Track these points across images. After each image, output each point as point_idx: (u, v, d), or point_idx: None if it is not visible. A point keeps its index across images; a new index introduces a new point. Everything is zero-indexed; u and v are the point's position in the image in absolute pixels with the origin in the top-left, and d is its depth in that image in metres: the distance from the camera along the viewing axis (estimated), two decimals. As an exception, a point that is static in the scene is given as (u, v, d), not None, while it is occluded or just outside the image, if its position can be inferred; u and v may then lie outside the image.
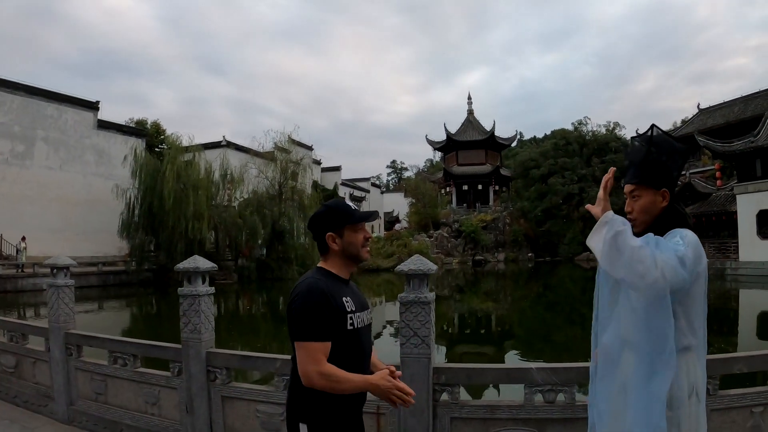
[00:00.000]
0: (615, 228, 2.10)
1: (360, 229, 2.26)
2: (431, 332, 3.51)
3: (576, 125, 60.27)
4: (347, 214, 2.24)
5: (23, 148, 34.20)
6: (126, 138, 39.56)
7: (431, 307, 3.53)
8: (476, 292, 30.17)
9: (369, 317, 2.33)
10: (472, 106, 62.17)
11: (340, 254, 2.26)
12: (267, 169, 38.62)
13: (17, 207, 32.32)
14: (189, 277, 4.47)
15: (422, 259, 3.58)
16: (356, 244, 2.25)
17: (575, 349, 13.79)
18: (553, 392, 3.48)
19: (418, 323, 3.48)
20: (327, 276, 2.20)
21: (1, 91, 33.28)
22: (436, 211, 57.71)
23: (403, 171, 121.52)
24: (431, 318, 3.51)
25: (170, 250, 31.07)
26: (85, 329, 6.05)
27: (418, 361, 3.48)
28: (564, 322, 18.94)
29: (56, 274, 5.83)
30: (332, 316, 2.09)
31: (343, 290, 2.21)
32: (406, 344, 3.51)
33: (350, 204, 2.32)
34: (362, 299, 2.32)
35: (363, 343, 2.24)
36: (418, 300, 3.50)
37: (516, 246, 54.05)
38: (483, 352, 14.05)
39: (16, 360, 6.32)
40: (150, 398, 4.89)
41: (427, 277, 3.56)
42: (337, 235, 2.24)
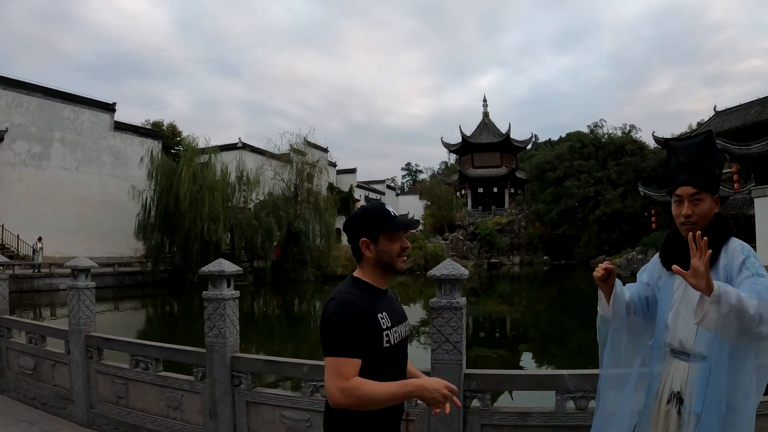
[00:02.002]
0: (730, 301, 1.88)
1: (397, 238, 2.06)
2: (463, 338, 3.44)
3: (591, 128, 59.85)
4: (384, 220, 2.04)
5: (40, 149, 34.49)
6: (142, 140, 39.77)
7: (463, 313, 3.46)
8: (491, 295, 29.96)
9: (406, 330, 2.19)
10: (487, 108, 61.84)
11: (373, 263, 2.07)
12: (282, 170, 38.61)
13: (34, 208, 32.63)
14: (214, 280, 4.41)
15: (454, 264, 3.51)
16: (391, 254, 2.06)
17: (590, 353, 13.71)
18: (585, 399, 3.40)
19: (449, 329, 3.41)
20: (362, 288, 2.03)
21: (19, 93, 33.57)
22: (452, 214, 57.44)
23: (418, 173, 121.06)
24: (463, 324, 3.44)
25: (186, 251, 31.20)
26: (102, 331, 6.02)
27: (449, 368, 3.40)
28: (579, 325, 18.66)
29: (77, 276, 5.81)
30: (366, 334, 1.93)
31: (379, 304, 2.04)
32: (437, 350, 3.44)
33: (390, 209, 2.11)
34: (399, 311, 2.18)
35: (399, 357, 2.12)
36: (450, 305, 3.42)
37: (531, 249, 53.71)
38: (497, 355, 13.99)
39: (34, 362, 6.29)
40: (172, 402, 4.84)
41: (459, 282, 3.49)
42: (371, 242, 2.05)
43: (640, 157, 53.66)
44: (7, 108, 32.93)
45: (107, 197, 36.93)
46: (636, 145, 55.77)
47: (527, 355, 13.97)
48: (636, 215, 49.18)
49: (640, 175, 50.60)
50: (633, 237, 47.58)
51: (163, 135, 45.15)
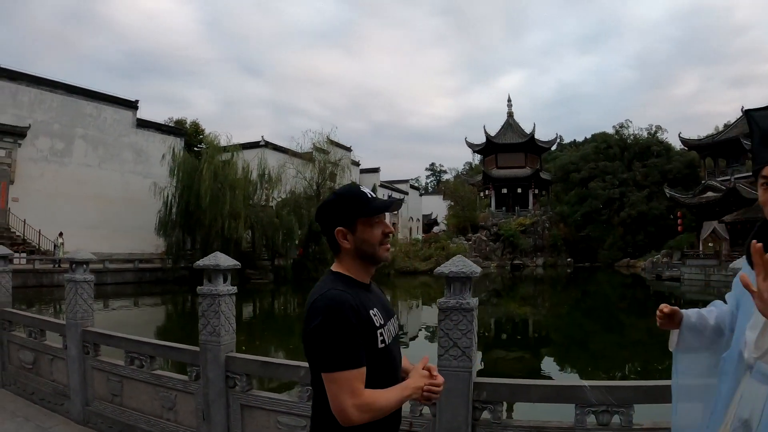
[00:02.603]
0: None
1: (377, 223, 1.79)
2: (473, 343, 3.08)
3: (617, 128, 58.95)
4: (360, 204, 1.77)
5: (62, 146, 34.78)
6: (164, 137, 39.65)
7: (474, 315, 3.09)
8: (513, 296, 29.69)
9: (396, 327, 1.92)
10: (511, 108, 61.18)
11: (353, 254, 1.80)
12: (305, 169, 38.47)
13: (55, 203, 32.80)
14: (209, 275, 4.15)
15: (464, 261, 3.15)
16: (371, 242, 1.78)
17: (612, 356, 13.63)
18: (608, 414, 3.02)
19: (458, 332, 3.06)
20: (347, 283, 1.75)
21: (42, 90, 33.87)
22: (475, 215, 57.08)
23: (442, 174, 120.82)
24: (473, 327, 3.08)
25: (206, 248, 31.08)
26: (119, 326, 5.84)
27: (458, 375, 3.05)
28: (601, 329, 18.58)
29: (75, 269, 5.62)
30: (363, 335, 1.67)
31: (368, 299, 1.77)
32: (444, 355, 3.09)
33: (366, 191, 1.82)
34: (387, 305, 1.90)
35: (395, 358, 1.84)
36: (459, 306, 3.07)
37: (555, 251, 53.10)
38: (519, 357, 13.77)
39: (34, 356, 6.16)
40: (166, 403, 4.61)
41: (470, 281, 3.13)
42: (348, 231, 1.78)
43: (666, 158, 52.84)
44: (30, 104, 33.25)
45: (129, 194, 36.98)
46: (662, 146, 54.87)
47: (549, 359, 13.70)
48: (661, 217, 48.39)
49: (665, 176, 49.86)
50: (658, 240, 46.85)
51: (185, 132, 45.27)
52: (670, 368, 2.22)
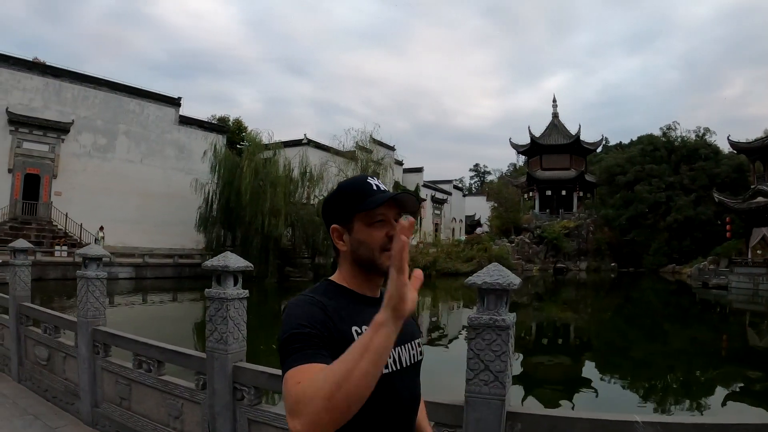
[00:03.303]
0: None
1: (380, 222, 1.39)
2: (508, 366, 2.59)
3: (664, 130, 57.08)
4: (359, 196, 1.40)
5: (105, 142, 35.17)
6: (206, 134, 39.85)
7: (510, 334, 2.59)
8: (555, 301, 29.17)
9: (414, 353, 1.49)
10: (557, 108, 60.12)
11: (350, 259, 1.44)
12: (347, 167, 38.07)
13: (97, 198, 33.19)
14: (218, 276, 3.79)
15: (501, 269, 2.66)
16: (370, 245, 1.39)
17: (654, 365, 13.10)
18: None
19: (491, 354, 2.57)
20: (335, 294, 1.38)
21: (85, 87, 34.35)
22: (519, 216, 56.22)
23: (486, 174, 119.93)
24: (509, 348, 2.59)
25: (246, 245, 31.22)
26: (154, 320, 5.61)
27: (488, 404, 2.57)
28: (644, 337, 17.96)
29: (88, 265, 5.38)
30: (332, 343, 1.24)
31: (360, 315, 1.36)
32: (473, 380, 2.60)
33: (372, 182, 1.44)
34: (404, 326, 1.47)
35: (400, 393, 1.39)
36: (493, 323, 2.58)
37: (599, 255, 51.90)
38: (559, 363, 13.44)
39: (48, 353, 6.01)
40: (173, 411, 4.30)
41: (507, 294, 2.64)
42: (344, 229, 1.43)
43: (714, 161, 51.01)
44: (74, 101, 33.73)
45: (170, 189, 37.14)
46: (710, 149, 52.94)
47: (590, 365, 13.32)
48: (709, 223, 46.74)
49: (713, 180, 48.18)
50: (705, 246, 45.25)
51: (227, 130, 45.32)
52: (715, 380, 1.73)
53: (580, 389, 10.43)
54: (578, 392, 10.21)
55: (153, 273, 28.83)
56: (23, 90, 31.60)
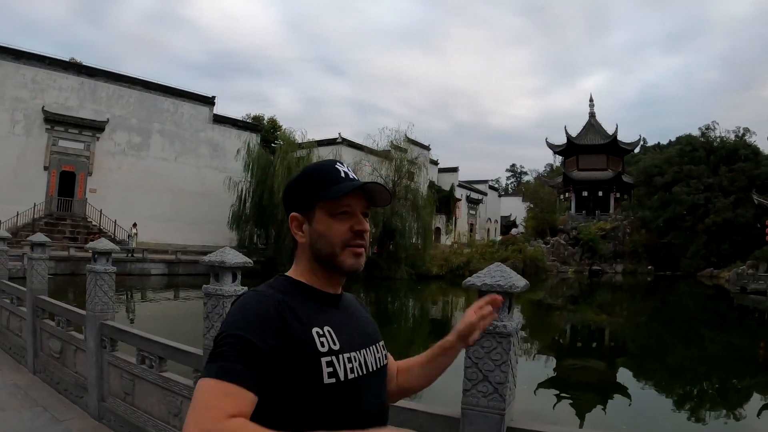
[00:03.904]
0: None
1: (344, 214, 1.24)
2: (509, 377, 2.36)
3: (703, 130, 55.57)
4: (323, 183, 1.24)
5: (140, 140, 35.72)
6: (240, 132, 40.16)
7: (512, 342, 2.36)
8: (590, 303, 28.53)
9: (380, 356, 1.32)
10: (593, 108, 58.98)
11: (308, 252, 1.27)
12: (381, 166, 37.89)
13: (131, 195, 33.71)
14: (216, 273, 3.65)
15: (504, 270, 2.43)
16: (331, 238, 1.23)
17: (690, 371, 12.79)
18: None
19: (490, 363, 2.35)
20: (291, 290, 1.22)
21: (120, 86, 34.95)
22: (554, 217, 55.28)
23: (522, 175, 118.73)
24: (511, 357, 2.36)
25: (278, 243, 31.39)
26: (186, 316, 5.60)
27: (486, 418, 2.35)
28: (679, 342, 17.53)
29: (97, 260, 5.37)
30: (283, 355, 1.08)
31: (322, 315, 1.21)
32: (470, 391, 2.39)
33: (341, 168, 1.29)
34: (363, 328, 1.32)
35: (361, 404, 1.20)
36: (493, 329, 2.34)
37: (635, 257, 50.69)
38: (593, 366, 13.22)
39: (61, 345, 6.03)
40: (172, 408, 4.20)
41: (511, 298, 2.42)
42: (304, 219, 1.27)
43: (754, 163, 49.43)
44: (108, 100, 34.36)
45: (203, 187, 37.55)
46: (750, 150, 51.29)
47: (624, 370, 12.98)
48: (748, 226, 45.28)
49: (753, 182, 46.69)
50: (744, 249, 43.86)
51: (261, 128, 45.60)
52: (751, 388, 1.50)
53: (613, 395, 10.19)
54: (611, 398, 9.98)
55: (185, 270, 29.05)
56: (59, 89, 32.31)
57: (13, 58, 30.66)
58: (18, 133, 30.63)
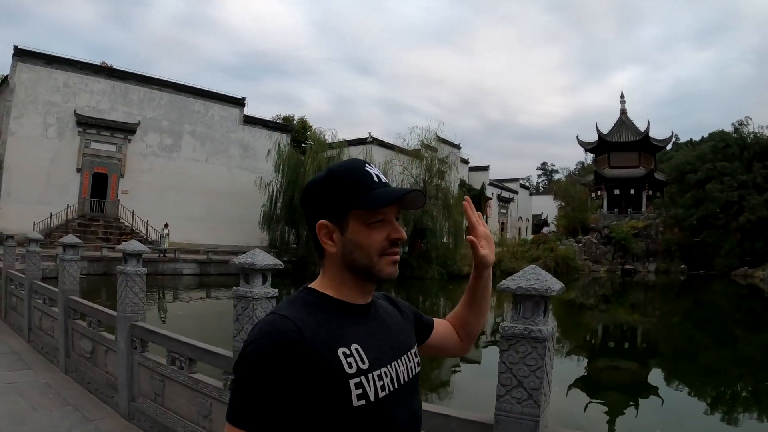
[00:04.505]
0: None
1: (381, 222, 1.18)
2: (544, 383, 2.28)
3: (736, 126, 54.28)
4: (356, 188, 1.16)
5: (171, 142, 36.20)
6: (270, 133, 40.30)
7: (548, 347, 2.28)
8: (623, 303, 28.19)
9: (412, 365, 1.25)
10: (624, 105, 58.08)
11: (339, 262, 1.19)
12: (411, 166, 37.79)
13: (163, 196, 34.19)
14: (246, 275, 3.63)
15: (539, 272, 2.36)
16: (369, 248, 1.17)
17: (723, 372, 12.60)
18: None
19: (525, 369, 2.27)
20: (315, 307, 1.14)
21: (151, 89, 35.50)
22: (586, 216, 54.51)
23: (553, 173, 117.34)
24: (546, 363, 2.28)
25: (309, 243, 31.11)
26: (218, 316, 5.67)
27: (520, 425, 2.27)
28: (713, 342, 17.26)
29: (128, 261, 5.40)
30: (308, 380, 1.03)
31: (349, 331, 1.14)
32: (504, 397, 2.31)
33: (372, 171, 1.20)
34: (394, 337, 1.25)
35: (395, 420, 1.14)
36: (528, 334, 2.28)
37: (668, 256, 49.71)
38: (625, 367, 13.04)
39: (92, 346, 6.10)
40: (202, 410, 4.21)
41: (546, 302, 2.34)
42: (335, 227, 1.18)
43: (789, 158, 48.17)
44: (140, 102, 34.91)
45: (234, 188, 37.85)
46: (785, 145, 50.03)
47: (656, 370, 12.86)
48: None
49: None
50: (780, 248, 42.87)
51: (291, 129, 45.86)
52: None
53: (645, 395, 10.04)
54: (644, 398, 9.84)
55: (217, 269, 29.29)
56: (90, 93, 32.93)
57: (45, 63, 31.32)
58: (51, 137, 31.29)
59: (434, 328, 1.49)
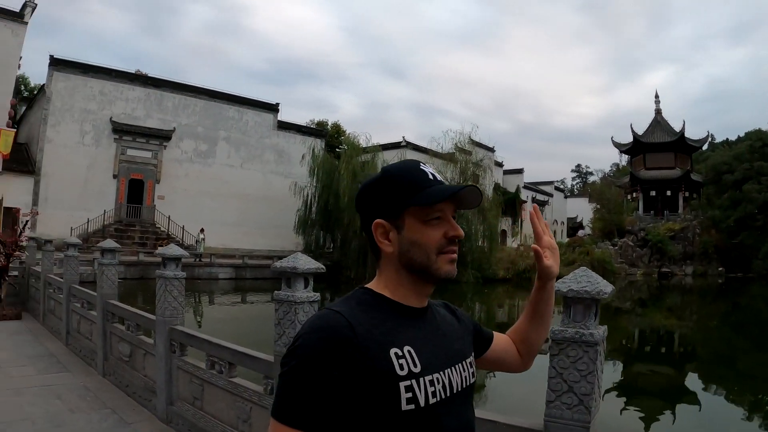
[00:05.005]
0: None
1: (437, 220, 1.15)
2: (595, 389, 2.20)
3: (773, 124, 53.03)
4: (411, 187, 1.14)
5: (206, 147, 36.79)
6: (304, 138, 40.84)
7: (599, 351, 2.21)
8: (659, 307, 27.68)
9: (466, 375, 1.20)
10: (659, 105, 57.05)
11: (396, 262, 1.16)
12: (445, 169, 37.65)
13: (198, 201, 34.72)
14: (288, 278, 3.61)
15: (590, 275, 2.28)
16: (426, 246, 1.13)
17: (762, 378, 12.22)
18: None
19: (576, 374, 2.20)
20: (370, 306, 1.11)
21: (185, 96, 36.18)
22: (621, 218, 53.59)
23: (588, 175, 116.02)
24: (597, 367, 2.20)
25: (344, 247, 31.75)
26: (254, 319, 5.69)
27: (570, 430, 2.21)
28: (752, 346, 16.84)
29: (166, 265, 5.43)
30: (357, 379, 0.99)
31: (401, 332, 1.09)
32: (554, 402, 2.24)
33: (427, 170, 1.19)
34: (449, 344, 1.20)
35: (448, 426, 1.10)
36: (579, 338, 2.21)
37: (705, 259, 48.57)
38: (661, 372, 12.87)
39: (130, 349, 6.16)
40: (241, 414, 4.19)
41: (597, 304, 2.26)
42: (391, 226, 1.15)
43: None
44: (174, 109, 35.61)
45: (269, 193, 38.18)
46: (824, 143, 48.57)
47: (693, 375, 12.65)
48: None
49: None
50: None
51: (325, 133, 46.19)
52: None
53: (682, 401, 9.90)
54: (681, 403, 9.70)
55: (252, 274, 29.54)
56: (126, 100, 33.70)
57: (80, 72, 32.12)
58: (87, 144, 32.07)
59: (493, 341, 1.44)
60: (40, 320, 10.49)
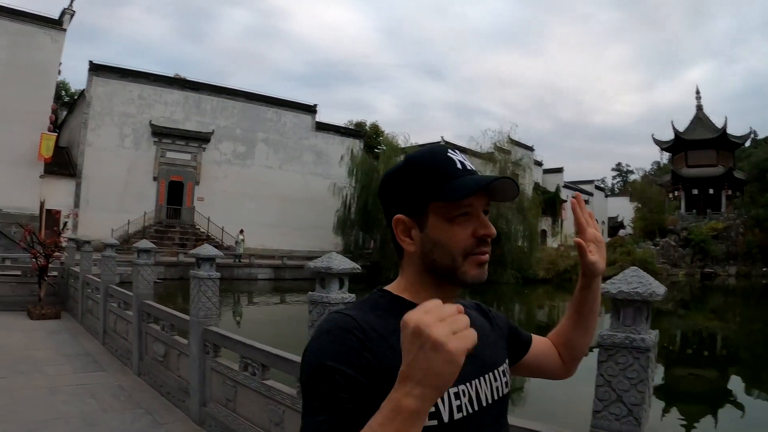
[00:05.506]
0: None
1: (465, 216, 0.99)
2: (646, 398, 2.01)
3: (817, 118, 51.11)
4: (436, 178, 1.00)
5: (244, 149, 37.14)
6: (343, 139, 40.99)
7: (650, 357, 2.02)
8: (702, 308, 26.95)
9: (498, 385, 1.06)
10: (700, 100, 55.49)
11: (418, 262, 1.03)
12: (485, 169, 37.39)
13: (238, 203, 35.04)
14: (322, 279, 3.50)
15: (641, 275, 2.10)
16: (451, 247, 0.99)
17: None
18: None
19: (625, 382, 2.02)
20: (387, 309, 0.99)
21: (223, 98, 36.59)
22: (663, 217, 52.27)
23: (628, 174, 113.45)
24: (649, 374, 2.02)
25: (384, 248, 31.59)
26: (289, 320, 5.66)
27: (620, 445, 2.01)
28: None
29: (201, 265, 5.39)
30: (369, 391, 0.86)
31: None
32: (602, 413, 2.06)
33: (455, 157, 1.04)
34: (479, 351, 0.98)
35: None
36: (629, 343, 2.02)
37: (749, 259, 46.90)
38: (704, 375, 12.62)
39: (165, 349, 6.16)
40: (274, 417, 4.11)
41: (648, 307, 2.08)
42: (413, 222, 1.02)
43: None
44: (213, 112, 36.06)
45: (308, 194, 38.27)
46: None
47: (736, 379, 12.33)
48: None
49: None
50: None
51: (364, 134, 46.21)
52: None
53: (725, 404, 9.70)
54: (723, 407, 9.49)
55: (291, 274, 29.63)
56: (165, 104, 34.31)
57: (119, 77, 32.79)
58: (127, 146, 32.71)
59: (532, 345, 1.29)
60: (78, 319, 10.65)
